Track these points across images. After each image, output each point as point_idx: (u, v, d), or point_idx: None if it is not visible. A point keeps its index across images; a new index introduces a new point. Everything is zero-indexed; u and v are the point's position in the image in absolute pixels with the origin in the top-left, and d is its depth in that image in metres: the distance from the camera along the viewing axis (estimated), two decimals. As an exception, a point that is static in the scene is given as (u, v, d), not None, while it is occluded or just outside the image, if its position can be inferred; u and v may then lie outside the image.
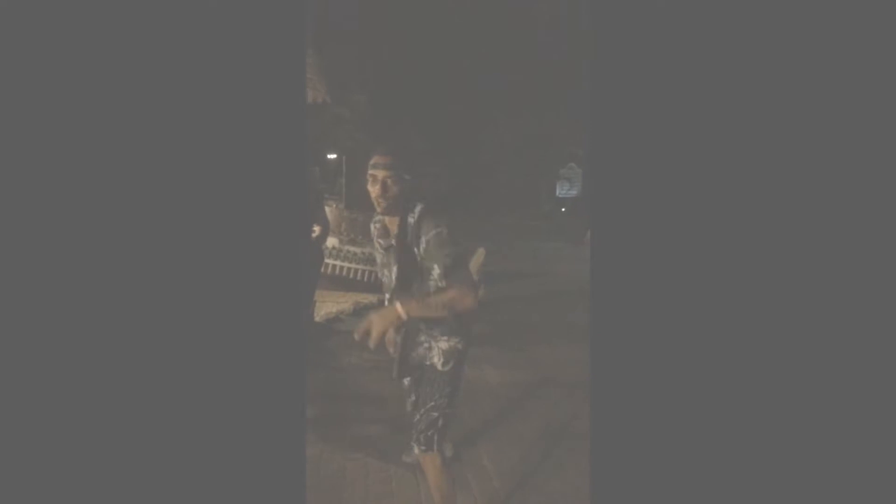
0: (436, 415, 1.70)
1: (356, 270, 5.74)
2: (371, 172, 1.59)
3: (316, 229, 3.25)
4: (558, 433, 2.71)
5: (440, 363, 1.70)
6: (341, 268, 5.72)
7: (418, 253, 1.60)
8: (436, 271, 1.58)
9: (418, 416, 1.72)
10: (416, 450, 1.73)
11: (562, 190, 15.96)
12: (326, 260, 5.28)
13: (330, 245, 5.53)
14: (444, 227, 1.57)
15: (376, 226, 1.78)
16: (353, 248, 5.81)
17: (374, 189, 1.59)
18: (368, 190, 1.61)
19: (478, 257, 5.01)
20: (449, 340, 1.71)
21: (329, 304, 4.82)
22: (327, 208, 3.89)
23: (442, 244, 1.55)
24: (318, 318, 4.32)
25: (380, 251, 1.77)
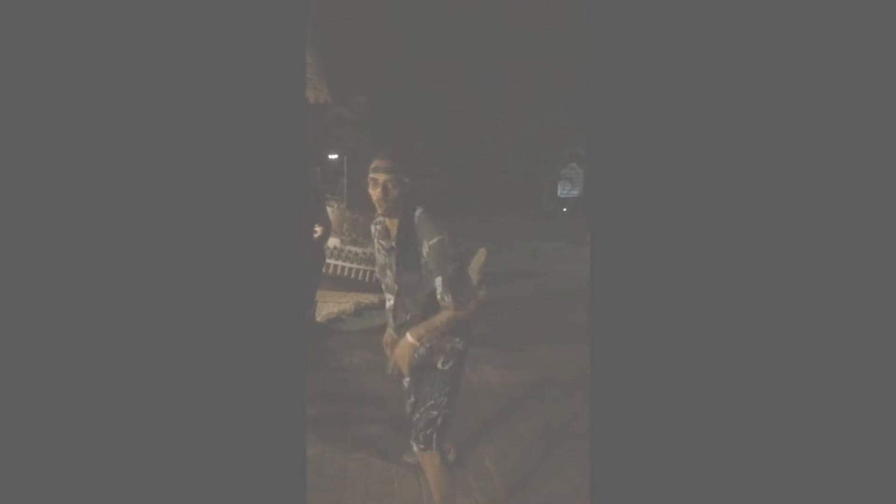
0: (435, 413, 1.72)
1: (357, 271, 5.74)
2: (372, 176, 1.62)
3: (318, 229, 3.25)
4: (559, 433, 2.71)
5: (439, 362, 1.73)
6: (342, 268, 5.73)
7: (420, 255, 1.63)
8: (438, 284, 1.62)
9: (418, 415, 1.74)
10: (416, 448, 1.75)
11: (563, 190, 15.94)
12: (328, 260, 5.28)
13: (331, 245, 5.53)
14: (446, 234, 1.60)
15: (377, 227, 1.80)
16: (355, 249, 5.82)
17: (375, 192, 1.62)
18: (370, 193, 1.64)
19: (479, 257, 4.99)
20: (449, 340, 1.72)
21: (330, 305, 4.82)
22: (329, 208, 3.89)
23: (444, 253, 1.59)
24: (319, 319, 4.32)
25: (382, 252, 1.79)
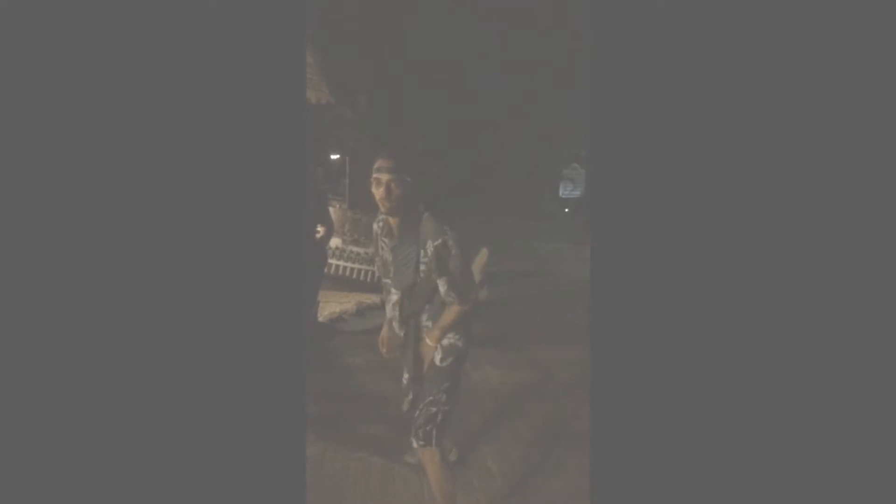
0: (434, 410, 1.75)
1: (359, 271, 5.73)
2: (375, 176, 1.65)
3: (320, 230, 3.25)
4: (559, 433, 2.71)
5: (438, 359, 1.76)
6: (344, 268, 5.73)
7: (424, 253, 1.67)
8: (443, 283, 1.67)
9: (417, 412, 1.77)
10: (415, 444, 1.78)
11: (565, 190, 15.90)
12: (330, 260, 5.28)
13: (333, 245, 5.53)
14: (450, 235, 1.65)
15: (380, 224, 1.83)
16: (357, 249, 5.82)
17: (378, 192, 1.65)
18: (373, 192, 1.67)
19: (481, 258, 5.01)
20: (450, 338, 1.76)
21: (332, 305, 4.82)
22: (331, 209, 3.89)
23: (448, 253, 1.64)
24: (321, 318, 4.32)
25: (384, 249, 1.81)
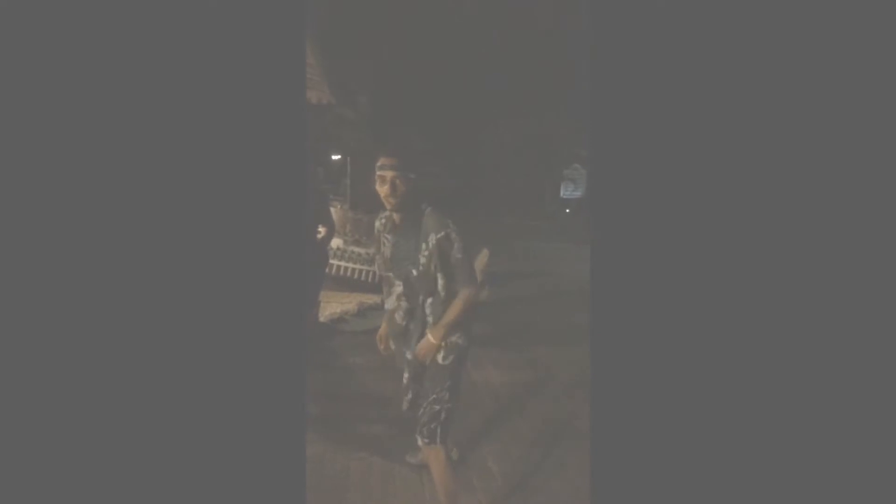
0: (438, 408, 1.77)
1: (360, 271, 5.74)
2: (379, 173, 1.68)
3: (321, 230, 3.25)
4: (560, 433, 2.71)
5: (440, 357, 1.78)
6: (346, 268, 5.73)
7: (425, 247, 1.70)
8: (441, 280, 1.71)
9: (421, 410, 1.80)
10: (420, 442, 1.80)
11: (566, 191, 15.89)
12: (331, 261, 5.28)
13: (334, 246, 5.53)
14: (452, 228, 1.69)
15: (382, 221, 1.87)
16: (358, 249, 5.82)
17: (383, 189, 1.68)
18: (377, 190, 1.70)
19: (482, 258, 5.01)
20: (451, 335, 1.77)
21: (333, 305, 4.83)
22: (332, 209, 3.89)
23: (451, 246, 1.68)
24: (322, 319, 4.33)
25: (387, 245, 1.84)
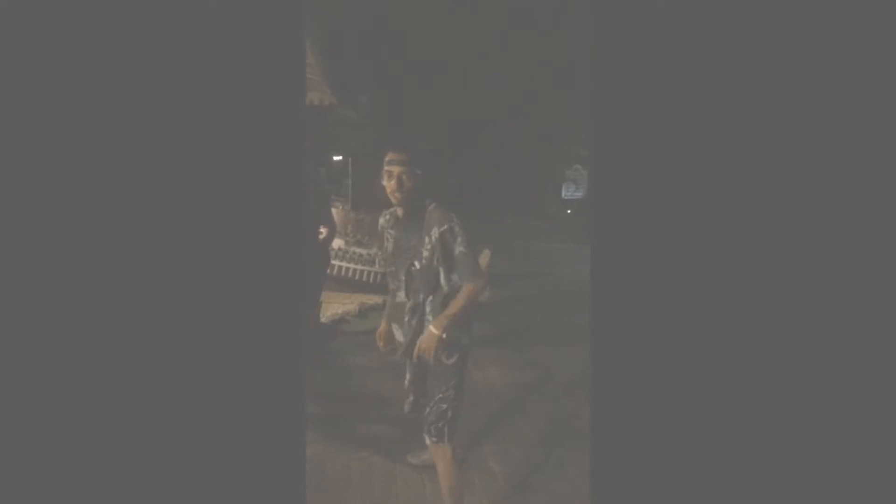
0: (444, 406, 1.80)
1: (362, 272, 5.75)
2: (387, 169, 1.73)
3: (323, 230, 3.26)
4: (560, 433, 2.71)
5: (445, 356, 1.79)
6: (347, 269, 5.74)
7: (428, 240, 1.74)
8: (443, 273, 1.75)
9: (428, 409, 1.82)
10: (428, 441, 1.82)
11: (567, 191, 15.88)
12: (332, 261, 5.29)
13: (336, 246, 5.54)
14: (456, 222, 1.73)
15: (386, 218, 1.91)
16: (359, 250, 5.83)
17: (389, 184, 1.73)
18: (384, 185, 1.74)
19: (484, 258, 5.00)
20: (454, 335, 1.78)
21: (335, 305, 4.83)
22: (333, 210, 3.90)
23: (454, 239, 1.72)
24: (323, 319, 4.33)
25: (390, 241, 1.87)
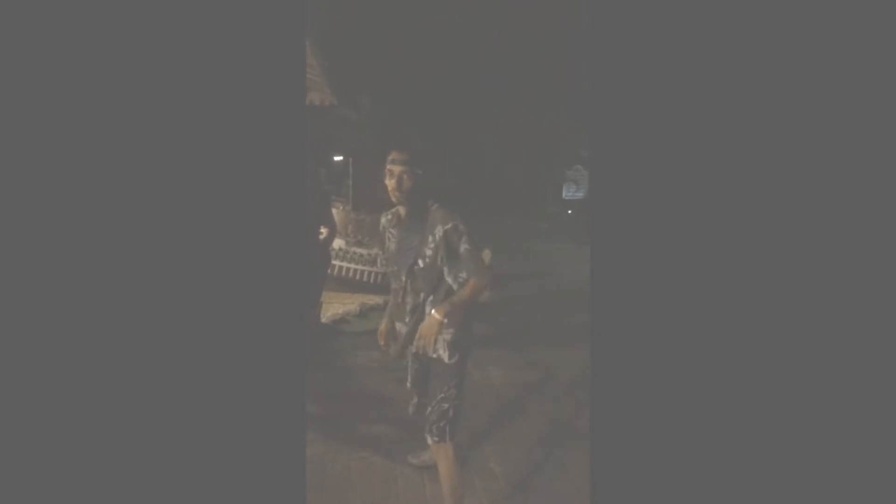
0: (446, 406, 1.80)
1: (362, 272, 5.76)
2: (389, 168, 1.75)
3: (323, 231, 3.26)
4: (561, 433, 2.71)
5: (446, 356, 1.80)
6: (348, 269, 5.75)
7: (432, 239, 1.75)
8: (454, 265, 1.77)
9: (430, 409, 1.83)
10: (430, 441, 1.83)
11: (568, 192, 15.88)
12: (333, 261, 5.29)
13: (336, 246, 5.54)
14: (459, 220, 1.76)
15: (388, 218, 1.93)
16: (360, 250, 5.84)
17: (390, 183, 1.76)
18: (385, 183, 1.77)
19: (484, 258, 5.00)
20: (455, 334, 1.79)
21: (335, 306, 4.83)
22: (334, 210, 3.90)
23: (459, 237, 1.74)
24: (324, 319, 4.34)
25: (392, 240, 1.89)
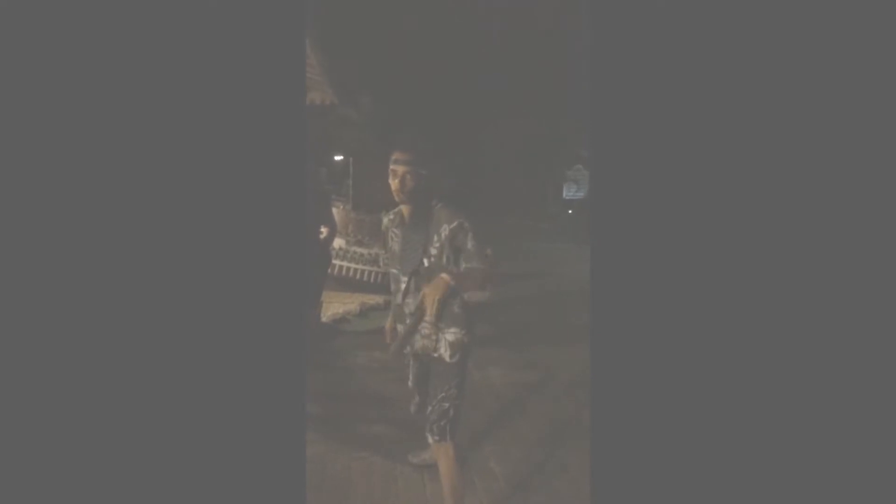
0: (447, 405, 1.80)
1: (363, 271, 5.77)
2: (392, 167, 1.76)
3: (323, 230, 3.26)
4: (561, 433, 2.71)
5: (447, 355, 1.80)
6: (348, 269, 5.76)
7: (437, 238, 1.76)
8: (459, 261, 1.77)
9: (430, 408, 1.82)
10: (430, 440, 1.83)
11: (569, 192, 15.89)
12: (333, 261, 5.30)
13: (337, 246, 5.55)
14: (465, 219, 1.77)
15: (390, 218, 1.93)
16: (360, 250, 5.85)
17: (394, 182, 1.77)
18: (389, 183, 1.78)
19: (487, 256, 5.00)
20: (456, 333, 1.80)
21: (336, 305, 4.84)
22: (334, 209, 3.91)
23: (465, 235, 1.75)
24: (324, 319, 4.34)
25: (395, 240, 1.89)
